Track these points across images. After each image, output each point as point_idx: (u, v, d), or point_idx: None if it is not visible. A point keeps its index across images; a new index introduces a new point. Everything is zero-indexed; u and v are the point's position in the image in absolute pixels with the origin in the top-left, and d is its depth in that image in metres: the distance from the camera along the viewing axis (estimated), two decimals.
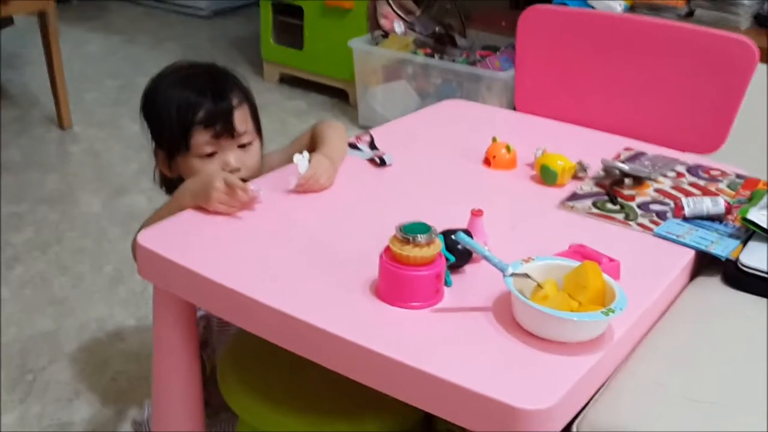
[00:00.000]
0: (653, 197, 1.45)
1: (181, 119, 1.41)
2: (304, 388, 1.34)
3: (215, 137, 1.42)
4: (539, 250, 1.21)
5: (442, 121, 1.82)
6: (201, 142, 1.42)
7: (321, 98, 3.75)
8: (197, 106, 1.41)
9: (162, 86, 1.47)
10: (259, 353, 1.39)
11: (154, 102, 1.47)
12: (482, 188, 1.50)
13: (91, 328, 2.10)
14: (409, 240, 1.08)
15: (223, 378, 1.38)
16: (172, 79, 1.47)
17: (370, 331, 1.07)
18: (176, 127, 1.41)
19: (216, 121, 1.41)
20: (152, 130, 1.50)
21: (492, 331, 1.07)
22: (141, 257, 1.26)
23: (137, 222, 2.63)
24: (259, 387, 1.35)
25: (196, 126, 1.41)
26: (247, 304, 1.14)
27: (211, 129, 1.41)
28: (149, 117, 1.50)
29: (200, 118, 1.41)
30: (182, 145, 1.42)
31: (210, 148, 1.43)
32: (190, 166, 1.43)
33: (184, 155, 1.43)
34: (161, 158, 1.49)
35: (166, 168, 1.49)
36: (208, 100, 1.42)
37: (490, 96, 2.99)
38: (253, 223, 1.33)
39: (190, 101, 1.41)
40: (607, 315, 1.01)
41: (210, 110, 1.41)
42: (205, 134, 1.41)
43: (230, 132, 1.43)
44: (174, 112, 1.41)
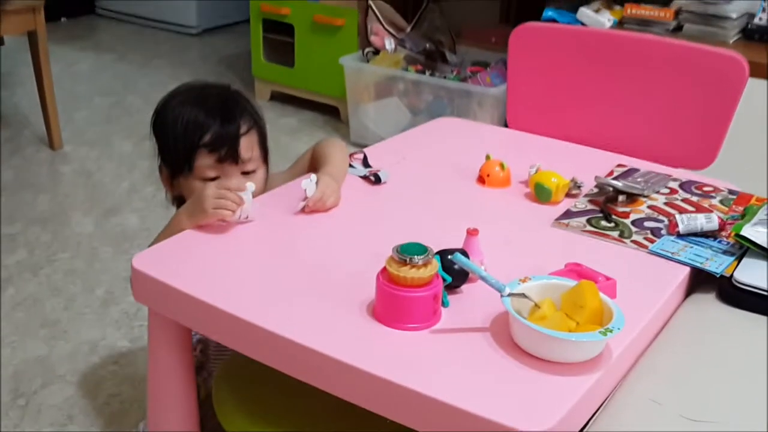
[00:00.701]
0: (647, 214, 1.46)
1: (187, 139, 1.40)
2: (302, 410, 1.33)
3: (219, 161, 1.41)
4: (534, 268, 1.21)
5: (435, 139, 1.82)
6: (204, 165, 1.41)
7: (313, 115, 3.75)
8: (204, 128, 1.39)
9: (173, 103, 1.46)
10: (255, 375, 1.38)
11: (164, 119, 1.45)
12: (477, 206, 1.50)
13: (83, 351, 2.08)
14: (405, 261, 1.08)
15: (219, 401, 1.37)
16: (185, 98, 1.46)
17: (368, 353, 1.06)
18: (181, 146, 1.40)
19: (221, 146, 1.40)
20: (159, 146, 1.49)
21: (490, 351, 1.06)
22: (135, 280, 1.25)
23: (129, 242, 2.66)
24: (255, 410, 1.34)
25: (200, 148, 1.39)
26: (243, 328, 1.13)
27: (216, 153, 1.40)
28: (157, 133, 1.48)
29: (206, 140, 1.39)
30: (185, 166, 1.41)
31: (213, 172, 1.41)
32: (191, 187, 1.43)
33: (186, 176, 1.42)
34: (165, 175, 1.48)
35: (169, 186, 1.48)
36: (216, 123, 1.40)
37: (482, 112, 3.00)
38: (248, 245, 1.32)
39: (198, 122, 1.40)
40: (605, 335, 1.01)
41: (217, 133, 1.40)
42: (209, 158, 1.40)
43: (234, 158, 1.41)
44: (180, 131, 1.40)
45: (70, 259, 2.51)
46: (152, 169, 3.09)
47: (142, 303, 1.27)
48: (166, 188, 1.50)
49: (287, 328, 1.11)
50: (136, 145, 3.40)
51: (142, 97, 3.94)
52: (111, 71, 4.39)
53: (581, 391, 1.00)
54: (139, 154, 3.32)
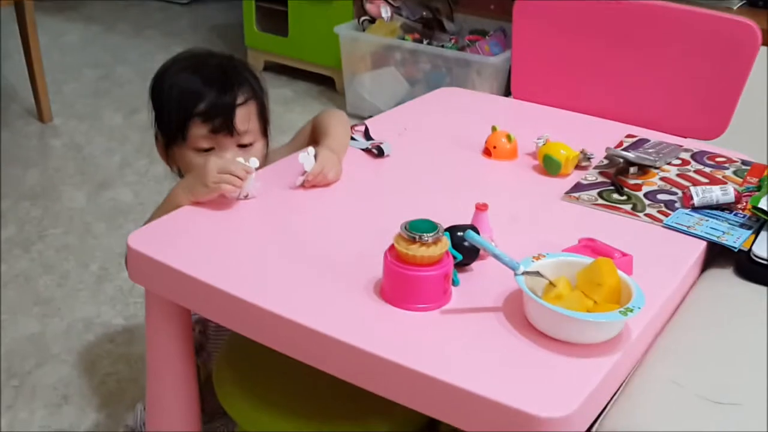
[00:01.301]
0: (660, 186, 1.41)
1: (181, 107, 1.35)
2: (304, 392, 1.29)
3: (213, 132, 1.35)
4: (546, 244, 1.17)
5: (437, 110, 1.76)
6: (197, 135, 1.36)
7: (307, 86, 3.68)
8: (199, 97, 1.34)
9: (171, 71, 1.40)
10: (256, 356, 1.34)
11: (161, 85, 1.41)
12: (483, 180, 1.45)
13: (77, 329, 2.03)
14: (415, 239, 1.03)
15: (220, 384, 1.33)
16: (184, 65, 1.41)
17: (376, 335, 1.02)
18: (175, 115, 1.35)
19: (216, 116, 1.35)
20: (155, 114, 1.43)
21: (504, 333, 1.02)
22: (131, 260, 1.20)
23: (122, 216, 2.61)
24: (257, 392, 1.30)
25: (194, 117, 1.34)
26: (244, 308, 1.09)
27: (209, 123, 1.35)
28: (154, 100, 1.43)
29: (200, 109, 1.34)
30: (179, 135, 1.36)
31: (206, 143, 1.36)
32: (185, 158, 1.38)
33: (180, 146, 1.37)
34: (160, 144, 1.44)
35: (164, 155, 1.43)
36: (212, 92, 1.35)
37: (481, 81, 2.94)
38: (248, 222, 1.27)
39: (192, 90, 1.35)
40: (626, 315, 0.97)
41: (211, 103, 1.34)
42: (203, 128, 1.35)
43: (229, 129, 1.36)
44: (176, 99, 1.35)
45: (63, 235, 2.46)
46: (144, 142, 3.10)
47: (138, 283, 1.22)
48: (162, 158, 1.45)
49: (290, 308, 1.06)
50: (126, 117, 3.33)
51: (132, 69, 3.86)
52: (100, 42, 4.30)
53: (601, 373, 0.95)
54: (130, 126, 3.25)
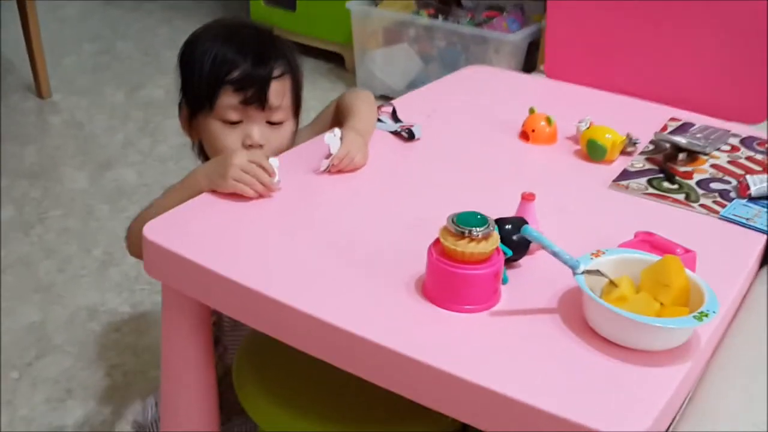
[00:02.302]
0: (711, 174, 1.31)
1: (212, 74, 1.25)
2: (330, 393, 1.20)
3: (244, 103, 1.26)
4: (598, 237, 1.08)
5: (466, 90, 1.66)
6: (226, 105, 1.26)
7: (315, 63, 3.56)
8: (233, 64, 1.25)
9: (204, 37, 1.31)
10: (278, 354, 1.24)
11: (191, 51, 1.30)
12: (523, 166, 1.35)
13: (81, 317, 1.94)
14: (463, 233, 0.93)
15: (240, 384, 1.24)
16: (217, 32, 1.31)
17: (419, 338, 0.92)
18: (205, 81, 1.26)
19: (249, 86, 1.25)
20: (182, 81, 1.34)
21: (562, 337, 0.92)
22: (147, 253, 1.10)
23: (126, 198, 2.50)
24: (280, 393, 1.20)
25: (225, 85, 1.25)
26: (271, 308, 0.99)
27: (242, 93, 1.25)
28: (182, 66, 1.33)
29: (233, 77, 1.25)
30: (206, 103, 1.26)
31: (235, 114, 1.26)
32: (209, 129, 1.28)
33: (206, 115, 1.27)
34: (183, 114, 1.34)
35: (186, 126, 1.34)
36: (248, 61, 1.25)
37: (498, 59, 2.83)
38: (272, 211, 1.17)
39: (226, 57, 1.25)
40: (701, 320, 0.87)
41: (245, 72, 1.25)
42: (233, 97, 1.25)
43: (261, 102, 1.26)
44: (207, 65, 1.25)
45: (64, 217, 2.36)
46: (147, 120, 2.98)
47: (154, 277, 1.12)
48: (184, 129, 1.35)
49: (321, 307, 0.96)
50: (128, 95, 3.22)
51: (133, 43, 3.75)
52: (99, 15, 4.17)
53: (673, 385, 0.86)
54: (132, 104, 3.14)
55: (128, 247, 1.29)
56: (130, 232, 1.26)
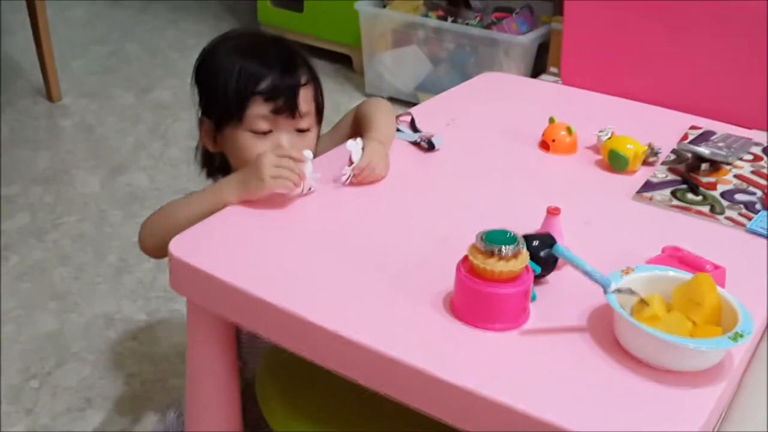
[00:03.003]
0: (735, 185, 1.31)
1: (240, 87, 1.25)
2: (354, 407, 1.19)
3: (274, 112, 1.26)
4: (625, 252, 1.08)
5: (484, 98, 1.65)
6: (257, 115, 1.26)
7: (322, 64, 3.52)
8: (262, 76, 1.25)
9: (224, 49, 1.31)
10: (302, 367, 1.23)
11: (212, 64, 1.30)
12: (545, 177, 1.35)
13: (98, 325, 1.94)
14: (493, 252, 0.93)
15: (264, 398, 1.24)
16: (236, 45, 1.31)
17: (449, 358, 0.92)
18: (233, 93, 1.26)
19: (279, 95, 1.25)
20: (203, 95, 1.33)
21: (594, 357, 0.92)
22: (173, 269, 1.10)
23: (139, 203, 2.50)
24: (304, 407, 1.21)
25: (256, 96, 1.25)
26: (299, 326, 0.99)
27: (272, 103, 1.25)
28: (202, 81, 1.33)
29: (263, 88, 1.25)
30: (235, 115, 1.26)
31: (265, 124, 1.26)
32: (238, 141, 1.27)
33: (235, 127, 1.27)
34: (206, 128, 1.33)
35: (210, 140, 1.33)
36: (275, 71, 1.26)
37: (508, 62, 2.82)
38: (298, 225, 1.17)
39: (254, 69, 1.25)
40: (736, 341, 0.87)
41: (275, 82, 1.25)
42: (264, 107, 1.25)
43: (292, 110, 1.26)
44: (234, 78, 1.25)
45: (78, 223, 2.35)
46: (157, 123, 2.98)
47: (180, 294, 1.12)
48: (205, 143, 1.34)
49: (349, 325, 0.96)
50: (138, 97, 3.22)
51: (141, 45, 3.74)
52: (106, 17, 4.16)
53: (708, 406, 0.86)
54: (142, 106, 3.14)
55: (141, 246, 1.30)
56: (143, 232, 1.28)
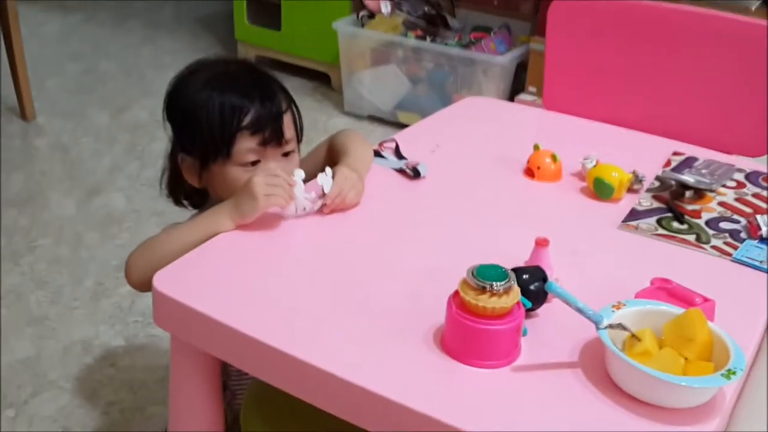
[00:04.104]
0: (720, 213, 1.31)
1: (224, 123, 1.23)
2: None
3: (262, 144, 1.25)
4: (612, 283, 1.08)
5: (467, 123, 1.65)
6: (245, 149, 1.24)
7: (301, 82, 3.54)
8: (244, 110, 1.23)
9: (194, 85, 1.27)
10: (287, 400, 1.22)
11: (187, 102, 1.27)
12: (530, 206, 1.34)
13: (76, 351, 1.91)
14: (484, 288, 0.92)
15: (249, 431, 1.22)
16: (208, 77, 1.28)
17: (440, 396, 0.91)
18: (218, 132, 1.23)
19: (265, 127, 1.24)
20: (180, 133, 1.31)
21: (586, 394, 0.91)
22: (157, 304, 1.08)
23: (116, 225, 2.47)
24: None
25: (242, 131, 1.23)
26: (285, 363, 0.97)
27: (259, 135, 1.24)
28: (178, 119, 1.31)
29: (248, 122, 1.23)
30: (222, 152, 1.24)
31: (254, 155, 1.25)
32: (227, 175, 1.25)
33: (222, 163, 1.25)
34: (188, 165, 1.30)
35: (194, 177, 1.30)
36: (257, 103, 1.24)
37: (487, 82, 2.83)
38: (285, 258, 1.16)
39: (235, 103, 1.23)
40: (729, 378, 0.87)
41: (259, 114, 1.24)
42: (251, 141, 1.24)
43: (278, 139, 1.25)
44: (216, 115, 1.23)
45: (54, 246, 2.32)
46: (134, 143, 2.95)
47: (164, 329, 1.10)
48: (190, 181, 1.31)
49: (338, 363, 0.95)
50: (113, 116, 3.19)
51: (116, 63, 3.71)
52: (80, 33, 4.13)
53: None
54: (117, 126, 3.11)
55: (129, 279, 1.24)
56: (131, 264, 1.23)
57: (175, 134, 1.31)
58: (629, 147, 1.55)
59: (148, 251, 1.21)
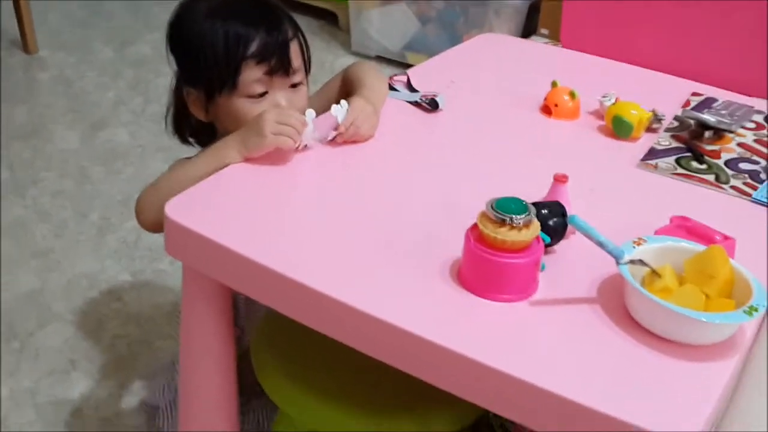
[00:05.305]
0: (739, 153, 1.29)
1: (229, 53, 1.19)
2: (351, 373, 1.18)
3: (269, 74, 1.21)
4: (630, 220, 1.06)
5: (482, 60, 1.62)
6: (251, 80, 1.21)
7: (306, 20, 3.46)
8: (249, 38, 1.19)
9: (198, 14, 1.23)
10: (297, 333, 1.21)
11: (190, 32, 1.23)
12: (548, 143, 1.32)
13: (81, 285, 1.89)
14: (504, 221, 0.91)
15: (260, 365, 1.21)
16: (210, 6, 1.24)
17: (456, 329, 0.90)
18: (223, 62, 1.20)
19: (271, 56, 1.20)
20: (185, 66, 1.27)
21: (605, 329, 0.90)
22: (169, 232, 1.06)
23: (121, 160, 2.44)
24: (300, 373, 1.19)
25: (247, 60, 1.20)
26: (299, 292, 0.96)
27: (265, 64, 1.20)
28: (181, 51, 1.27)
29: (253, 51, 1.19)
30: (228, 83, 1.21)
31: (261, 86, 1.22)
32: (234, 108, 1.22)
33: (228, 95, 1.22)
34: (194, 99, 1.27)
35: (201, 111, 1.27)
36: (262, 32, 1.20)
37: (498, 22, 2.78)
38: (299, 188, 1.15)
39: (240, 32, 1.19)
40: (751, 315, 0.86)
41: (265, 42, 1.20)
42: (258, 70, 1.20)
43: (286, 68, 1.22)
44: (221, 45, 1.19)
45: (58, 179, 2.30)
46: (138, 78, 2.90)
47: (176, 257, 1.09)
48: (197, 114, 1.28)
49: (353, 294, 0.94)
50: (117, 51, 3.13)
51: None
52: None
53: (722, 381, 0.85)
54: (122, 60, 3.06)
55: (140, 220, 1.22)
56: (142, 204, 1.21)
57: (179, 67, 1.28)
58: (647, 86, 1.52)
59: (158, 191, 1.18)
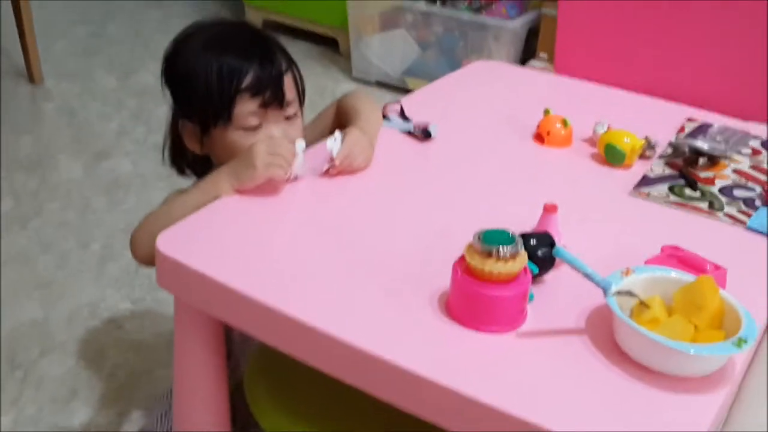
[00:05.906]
0: (734, 180, 1.29)
1: (224, 86, 1.21)
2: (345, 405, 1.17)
3: (263, 106, 1.22)
4: (622, 250, 1.06)
5: (476, 87, 1.62)
6: (245, 113, 1.22)
7: (307, 46, 3.51)
8: (243, 71, 1.21)
9: (193, 48, 1.25)
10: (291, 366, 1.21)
11: (185, 67, 1.25)
12: (540, 171, 1.32)
13: (82, 314, 1.90)
14: (490, 252, 0.91)
15: (253, 398, 1.21)
16: (204, 40, 1.25)
17: (445, 361, 0.90)
18: (217, 95, 1.21)
19: (265, 88, 1.21)
20: (180, 99, 1.28)
21: (593, 361, 0.90)
22: (160, 265, 1.07)
23: (123, 190, 2.45)
24: (294, 406, 1.18)
25: (241, 93, 1.21)
26: (289, 326, 0.96)
27: (259, 97, 1.21)
28: (176, 84, 1.28)
29: (247, 84, 1.21)
30: (222, 116, 1.22)
31: (255, 119, 1.22)
32: (228, 140, 1.23)
33: (223, 128, 1.23)
34: (189, 132, 1.28)
35: (196, 144, 1.28)
36: (255, 64, 1.21)
37: (497, 47, 2.79)
38: (290, 221, 1.15)
39: (234, 65, 1.21)
40: (740, 347, 0.85)
41: (258, 75, 1.21)
42: (252, 103, 1.21)
43: (280, 101, 1.23)
44: (214, 78, 1.21)
45: (61, 210, 2.31)
46: (141, 108, 2.93)
47: (167, 290, 1.09)
48: (192, 147, 1.29)
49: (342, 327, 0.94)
50: (120, 80, 3.16)
51: (123, 26, 3.68)
52: None
53: (711, 413, 0.84)
54: (124, 90, 3.09)
55: (134, 254, 1.23)
56: (136, 239, 1.21)
57: (174, 100, 1.29)
58: (642, 113, 1.52)
59: (151, 225, 1.18)
